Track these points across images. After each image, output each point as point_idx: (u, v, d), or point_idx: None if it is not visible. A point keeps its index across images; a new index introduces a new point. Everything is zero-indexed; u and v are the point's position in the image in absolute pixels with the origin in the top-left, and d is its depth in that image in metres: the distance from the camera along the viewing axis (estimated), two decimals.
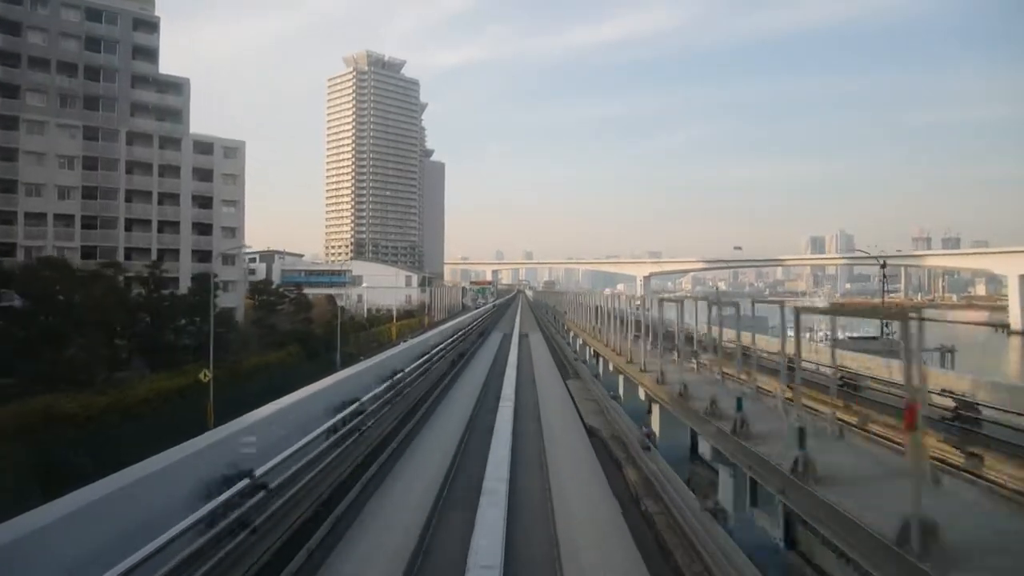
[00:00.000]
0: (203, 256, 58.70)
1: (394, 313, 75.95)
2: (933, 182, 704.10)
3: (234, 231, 61.47)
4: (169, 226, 58.67)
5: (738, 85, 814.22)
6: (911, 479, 5.53)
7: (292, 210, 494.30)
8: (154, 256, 52.50)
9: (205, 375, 27.75)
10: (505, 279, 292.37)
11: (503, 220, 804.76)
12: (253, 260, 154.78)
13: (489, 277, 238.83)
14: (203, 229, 60.13)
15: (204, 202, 60.20)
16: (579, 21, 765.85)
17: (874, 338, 44.92)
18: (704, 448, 13.23)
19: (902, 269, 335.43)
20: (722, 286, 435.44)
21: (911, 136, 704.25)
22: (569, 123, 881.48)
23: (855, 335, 48.66)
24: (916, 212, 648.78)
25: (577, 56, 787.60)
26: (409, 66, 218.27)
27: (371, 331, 68.01)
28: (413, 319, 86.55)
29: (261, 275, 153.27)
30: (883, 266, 63.42)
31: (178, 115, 59.50)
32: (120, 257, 51.97)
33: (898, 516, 5.67)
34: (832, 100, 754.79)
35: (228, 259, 60.91)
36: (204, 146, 60.71)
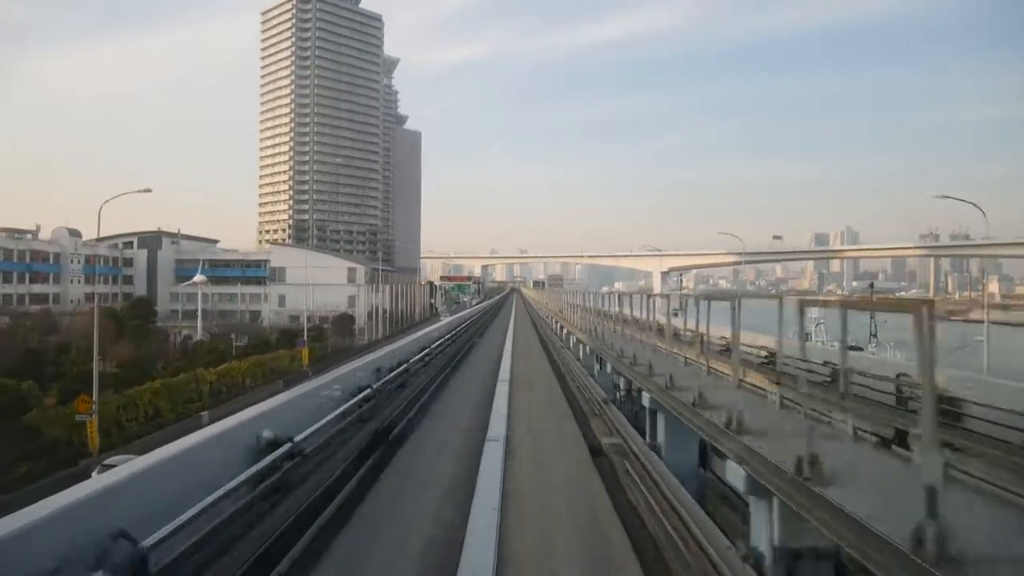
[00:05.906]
0: None
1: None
2: (933, 182, 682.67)
3: None
4: None
5: (736, 86, 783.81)
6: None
7: (235, 199, 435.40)
8: None
9: None
10: (500, 276, 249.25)
11: (499, 219, 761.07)
12: (129, 245, 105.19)
13: (479, 272, 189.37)
14: None
15: None
16: (579, 21, 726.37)
17: None
18: None
19: (929, 263, 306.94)
20: (723, 284, 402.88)
21: (912, 136, 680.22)
22: (562, 123, 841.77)
23: None
24: (914, 211, 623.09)
25: (576, 56, 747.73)
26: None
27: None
28: (282, 352, 45.55)
29: (141, 265, 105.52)
30: None
31: None
32: None
33: None
34: (832, 100, 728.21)
35: None
36: None
